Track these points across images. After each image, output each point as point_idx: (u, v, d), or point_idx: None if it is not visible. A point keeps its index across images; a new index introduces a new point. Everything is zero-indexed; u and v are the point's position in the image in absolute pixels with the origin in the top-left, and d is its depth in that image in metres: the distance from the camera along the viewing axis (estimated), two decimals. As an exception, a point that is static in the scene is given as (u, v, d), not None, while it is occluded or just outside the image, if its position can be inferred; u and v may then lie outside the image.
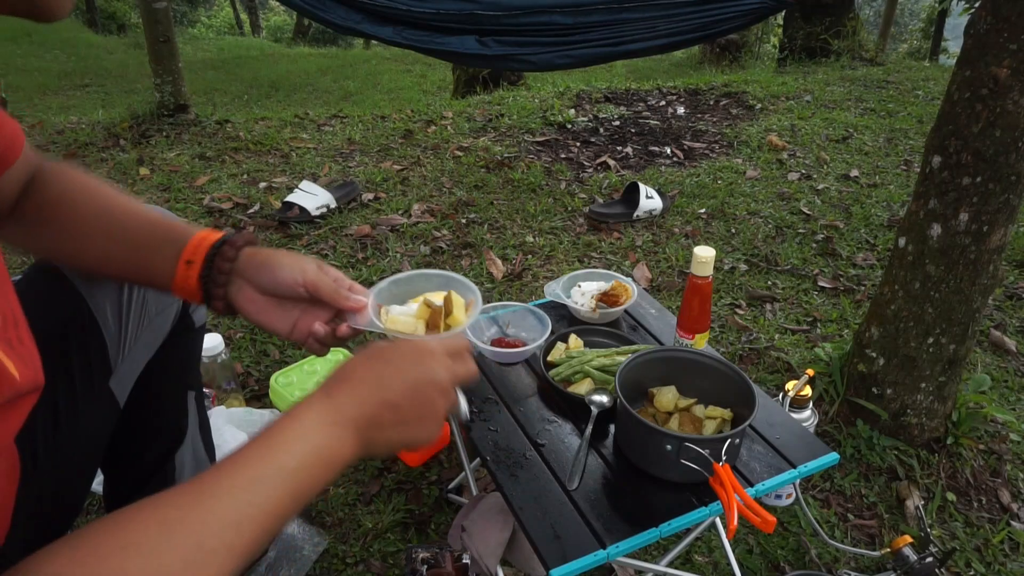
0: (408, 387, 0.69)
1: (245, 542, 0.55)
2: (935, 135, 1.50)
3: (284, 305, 0.86)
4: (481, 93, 5.12)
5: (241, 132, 3.76)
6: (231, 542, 0.54)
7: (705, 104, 4.45)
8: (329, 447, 0.63)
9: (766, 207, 2.95)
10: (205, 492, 0.55)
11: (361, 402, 0.66)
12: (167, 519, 0.53)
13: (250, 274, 0.84)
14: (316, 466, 0.61)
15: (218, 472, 0.57)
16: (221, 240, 0.85)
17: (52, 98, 6.78)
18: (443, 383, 0.72)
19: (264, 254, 0.85)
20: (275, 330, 0.87)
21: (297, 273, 0.84)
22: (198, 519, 0.53)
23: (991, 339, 2.13)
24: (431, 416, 0.71)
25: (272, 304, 0.86)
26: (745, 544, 1.48)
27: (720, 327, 2.17)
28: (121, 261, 0.86)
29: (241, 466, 0.58)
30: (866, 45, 6.16)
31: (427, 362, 0.72)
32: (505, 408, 1.22)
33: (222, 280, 0.84)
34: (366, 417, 0.66)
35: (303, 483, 0.60)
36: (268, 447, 0.60)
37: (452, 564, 1.23)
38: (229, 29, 18.17)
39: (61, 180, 0.86)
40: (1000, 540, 1.49)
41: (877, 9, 16.01)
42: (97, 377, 0.91)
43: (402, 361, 0.71)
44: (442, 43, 2.86)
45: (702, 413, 1.15)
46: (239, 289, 0.85)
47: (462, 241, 2.67)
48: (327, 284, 0.85)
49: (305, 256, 0.87)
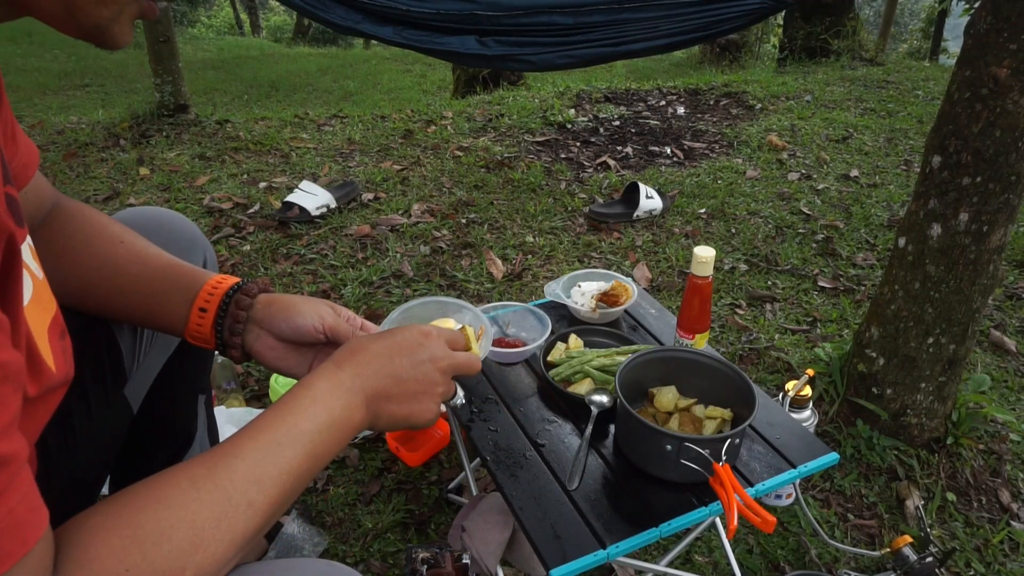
0: (412, 363, 0.74)
1: (267, 499, 0.60)
2: (935, 135, 1.50)
3: (300, 349, 0.88)
4: (481, 93, 5.12)
5: (241, 132, 3.76)
6: (254, 498, 0.59)
7: (705, 104, 4.45)
8: (341, 412, 0.68)
9: (766, 207, 2.95)
10: (229, 453, 0.60)
11: (369, 374, 0.71)
12: (196, 476, 0.58)
13: (268, 323, 0.85)
14: (330, 429, 0.67)
15: (240, 436, 0.62)
16: (235, 287, 0.85)
17: (52, 98, 6.78)
18: (443, 364, 0.77)
19: (281, 302, 0.86)
20: (293, 374, 0.88)
21: (316, 320, 0.85)
22: (224, 476, 0.58)
23: (991, 339, 2.13)
24: (431, 394, 0.76)
25: (290, 350, 0.87)
26: (745, 544, 1.48)
27: (720, 327, 2.17)
28: (128, 310, 0.86)
29: (261, 430, 0.63)
30: (866, 45, 6.16)
31: (429, 343, 0.77)
32: (505, 408, 1.22)
33: (239, 329, 0.84)
34: (373, 387, 0.71)
35: (318, 445, 0.65)
36: (285, 413, 0.65)
37: (452, 564, 1.23)
38: (229, 29, 18.17)
39: (69, 226, 0.86)
40: (1000, 540, 1.49)
41: (877, 9, 16.01)
42: (111, 386, 0.91)
43: (406, 340, 0.76)
44: (442, 43, 2.86)
45: (702, 413, 1.15)
46: (257, 337, 0.86)
47: (462, 241, 2.67)
48: (344, 329, 0.87)
49: (317, 300, 0.89)
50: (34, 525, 0.48)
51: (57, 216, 0.86)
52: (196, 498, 0.56)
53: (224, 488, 0.58)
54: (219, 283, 0.85)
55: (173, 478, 0.57)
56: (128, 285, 0.84)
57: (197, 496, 0.56)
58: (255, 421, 0.64)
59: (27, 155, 0.80)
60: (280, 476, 0.61)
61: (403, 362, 0.74)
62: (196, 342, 0.86)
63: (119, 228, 0.88)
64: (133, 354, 0.94)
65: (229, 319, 0.84)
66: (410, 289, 2.37)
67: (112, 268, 0.85)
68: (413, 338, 0.76)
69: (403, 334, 0.76)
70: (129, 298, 0.85)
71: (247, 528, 0.58)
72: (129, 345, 0.93)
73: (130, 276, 0.85)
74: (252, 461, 0.60)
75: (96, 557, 0.51)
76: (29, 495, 0.49)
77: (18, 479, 0.48)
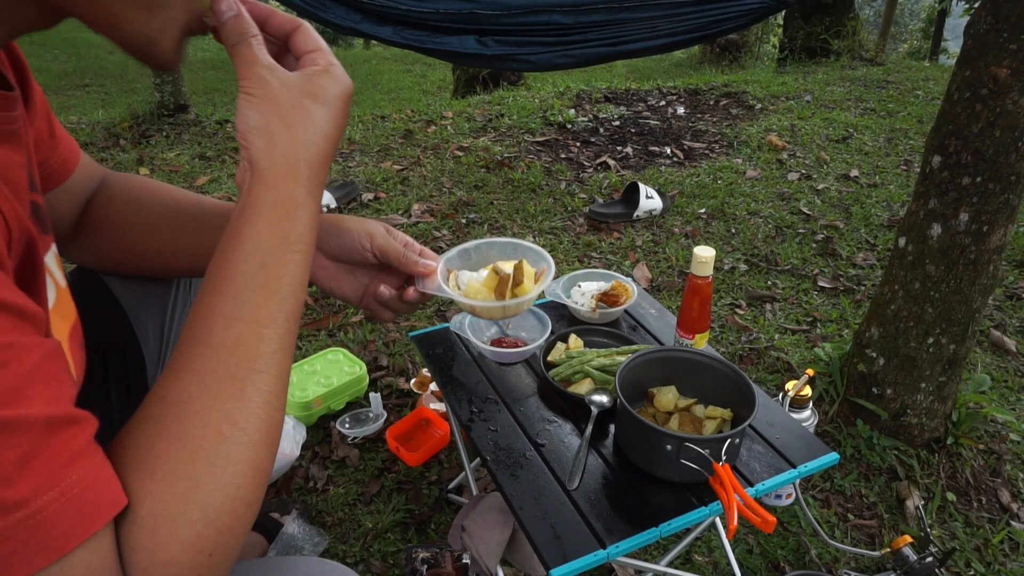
0: (332, 119, 0.65)
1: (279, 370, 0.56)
2: (935, 135, 1.50)
3: (354, 272, 0.86)
4: (481, 93, 5.12)
5: (241, 132, 3.76)
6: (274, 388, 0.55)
7: (705, 104, 4.45)
8: (278, 203, 0.59)
9: (766, 207, 2.95)
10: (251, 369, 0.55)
11: (311, 168, 0.62)
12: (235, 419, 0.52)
13: (319, 240, 0.83)
14: (278, 240, 0.59)
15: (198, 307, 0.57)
16: None
17: (52, 98, 6.78)
18: (341, 92, 0.66)
19: (331, 219, 0.84)
20: (345, 296, 0.87)
21: (365, 239, 0.83)
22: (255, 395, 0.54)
23: (991, 339, 2.13)
24: (329, 72, 0.65)
25: (342, 271, 0.86)
26: (745, 544, 1.48)
27: (720, 327, 2.17)
28: (192, 249, 0.86)
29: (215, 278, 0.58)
30: (866, 45, 6.16)
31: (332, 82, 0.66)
32: (505, 408, 1.22)
33: None
34: (258, 131, 0.60)
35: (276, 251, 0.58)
36: (225, 249, 0.59)
37: (452, 564, 1.23)
38: (229, 29, 18.15)
39: (125, 186, 0.88)
40: (1000, 540, 1.49)
41: (877, 9, 16.00)
42: (134, 394, 0.91)
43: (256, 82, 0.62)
44: (441, 43, 2.86)
45: (702, 413, 1.15)
46: None
47: (462, 241, 2.67)
48: (395, 249, 0.84)
49: (372, 220, 0.87)
50: (110, 502, 0.45)
51: (112, 181, 0.89)
52: (252, 455, 0.52)
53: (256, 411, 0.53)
54: None
55: (217, 430, 0.51)
56: (191, 223, 0.86)
57: (254, 454, 0.52)
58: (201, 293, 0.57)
59: (67, 150, 0.82)
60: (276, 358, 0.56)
61: (279, 91, 0.61)
62: None
63: (172, 187, 0.92)
64: (157, 364, 0.94)
65: None
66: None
67: (175, 211, 0.87)
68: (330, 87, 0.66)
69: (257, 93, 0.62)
70: (192, 237, 0.85)
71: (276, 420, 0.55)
72: (153, 353, 0.93)
73: (192, 215, 0.86)
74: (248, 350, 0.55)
75: (169, 560, 0.47)
76: (104, 467, 0.46)
77: (93, 447, 0.46)
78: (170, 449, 0.50)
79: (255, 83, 0.60)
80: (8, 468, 0.40)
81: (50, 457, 0.42)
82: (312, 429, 1.75)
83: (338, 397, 1.80)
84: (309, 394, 1.75)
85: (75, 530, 0.42)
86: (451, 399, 1.24)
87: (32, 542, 0.40)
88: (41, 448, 0.42)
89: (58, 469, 0.42)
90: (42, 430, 0.42)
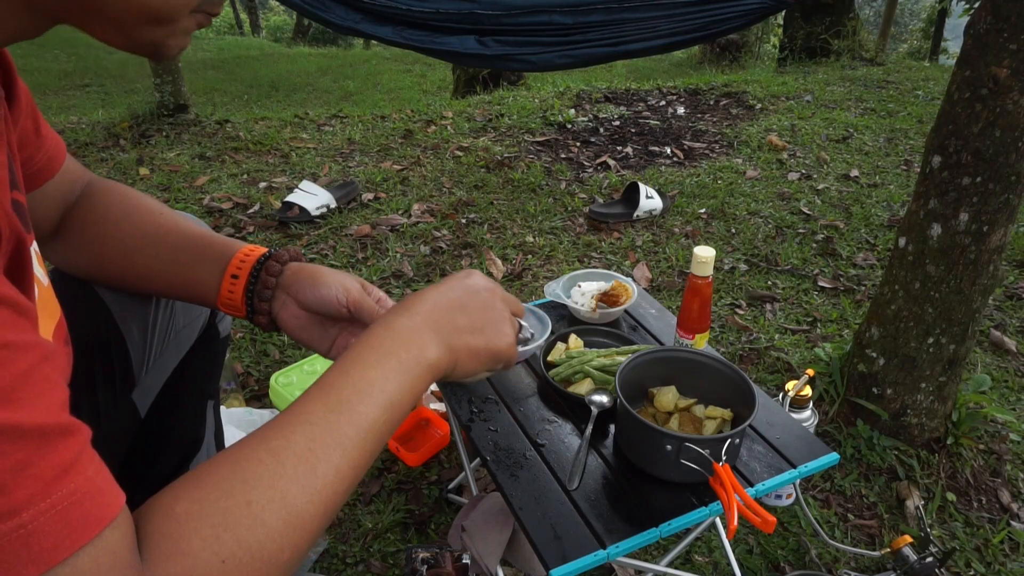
0: (469, 292, 0.73)
1: (351, 462, 0.57)
2: (935, 135, 1.49)
3: (324, 324, 0.87)
4: (481, 93, 5.12)
5: (241, 132, 3.76)
6: (338, 463, 0.56)
7: (705, 104, 4.45)
8: (409, 352, 0.65)
9: (766, 207, 2.95)
10: (301, 419, 0.57)
11: (428, 309, 0.69)
12: (276, 449, 0.55)
13: (295, 290, 0.85)
14: (401, 373, 0.63)
15: (308, 399, 0.59)
16: (267, 254, 0.86)
17: (52, 98, 6.78)
18: (498, 292, 0.76)
19: (309, 270, 0.86)
20: (315, 347, 0.88)
21: (341, 292, 0.84)
22: (304, 446, 0.55)
23: (991, 339, 2.13)
24: (501, 319, 0.74)
25: (314, 322, 0.87)
26: (745, 544, 1.48)
27: (720, 327, 2.17)
28: (166, 278, 0.87)
29: (328, 389, 0.60)
30: (866, 45, 6.16)
31: (476, 275, 0.77)
32: (505, 408, 1.22)
33: (267, 295, 0.85)
34: (438, 321, 0.69)
35: (392, 393, 0.62)
36: (348, 367, 0.62)
37: (452, 564, 1.23)
38: (229, 29, 18.16)
39: (106, 199, 0.87)
40: (1000, 540, 1.49)
41: (877, 9, 16.01)
42: (120, 389, 0.91)
43: (453, 277, 0.76)
44: (441, 43, 2.85)
45: (702, 413, 1.14)
46: (283, 304, 0.86)
47: (462, 241, 2.67)
48: (369, 306, 0.85)
49: (349, 275, 0.87)
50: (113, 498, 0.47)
51: (93, 192, 0.88)
52: (283, 474, 0.53)
53: (307, 459, 0.55)
54: (250, 252, 0.86)
55: (253, 453, 0.54)
56: (167, 253, 0.86)
57: (283, 471, 0.53)
58: (319, 381, 0.61)
59: (53, 148, 0.81)
60: (359, 435, 0.58)
61: (460, 293, 0.72)
62: (227, 310, 0.86)
63: (156, 202, 0.91)
64: (143, 359, 0.94)
65: (259, 285, 0.84)
66: (410, 289, 2.37)
67: (153, 236, 0.86)
68: (459, 274, 0.76)
69: (448, 278, 0.76)
70: (168, 266, 0.86)
71: (336, 495, 0.56)
72: (139, 349, 0.93)
73: (169, 244, 0.86)
74: (327, 424, 0.57)
75: (189, 550, 0.48)
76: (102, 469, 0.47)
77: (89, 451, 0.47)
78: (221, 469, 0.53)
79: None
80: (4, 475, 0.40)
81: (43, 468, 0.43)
82: (312, 429, 1.75)
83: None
84: (309, 394, 1.75)
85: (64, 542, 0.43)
86: (451, 399, 1.24)
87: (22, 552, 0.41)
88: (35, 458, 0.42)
89: (51, 481, 0.43)
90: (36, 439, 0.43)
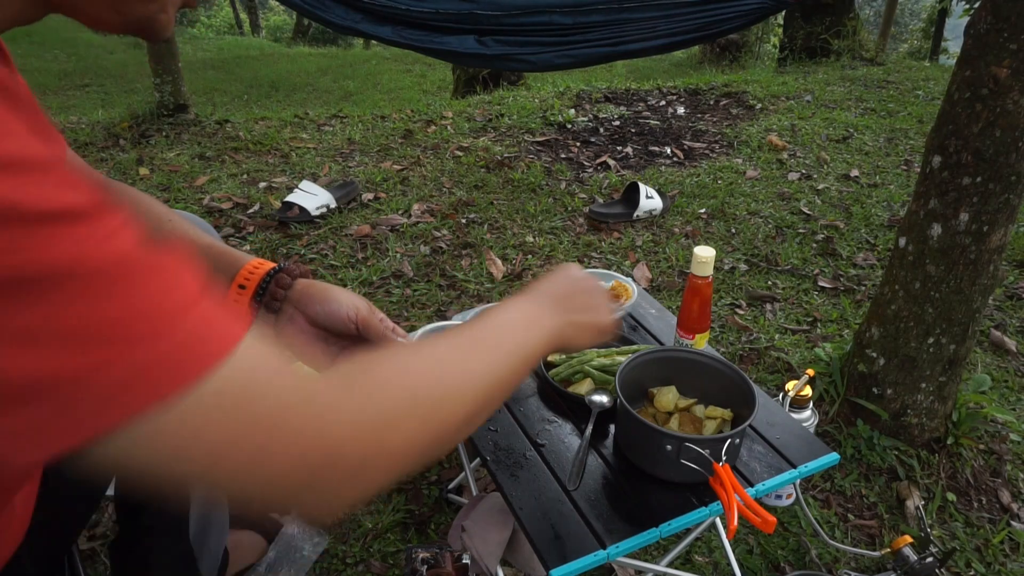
0: (571, 280, 0.84)
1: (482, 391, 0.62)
2: (935, 135, 1.49)
3: (328, 340, 0.88)
4: (481, 93, 5.12)
5: (241, 132, 3.76)
6: (483, 370, 0.63)
7: (705, 104, 4.45)
8: (530, 319, 0.73)
9: (766, 207, 2.95)
10: (452, 347, 0.63)
11: (543, 290, 0.80)
12: (437, 349, 0.61)
13: (304, 304, 0.86)
14: (526, 328, 0.71)
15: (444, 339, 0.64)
16: (277, 268, 0.87)
17: (52, 98, 6.78)
18: (591, 277, 0.87)
19: (319, 286, 0.88)
20: (316, 361, 0.88)
21: (351, 310, 0.86)
22: (458, 353, 0.62)
23: (991, 339, 2.13)
24: (601, 301, 0.85)
25: (319, 337, 0.88)
26: (745, 544, 1.48)
27: (720, 327, 2.17)
28: None
29: (458, 334, 0.65)
30: (866, 45, 6.16)
31: (572, 267, 0.87)
32: (505, 408, 1.22)
33: (276, 306, 0.86)
34: (553, 297, 0.79)
35: (521, 344, 0.69)
36: (482, 321, 0.69)
37: (452, 564, 1.23)
38: (229, 29, 18.17)
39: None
40: (1000, 540, 1.49)
41: (877, 9, 16.01)
42: None
43: (556, 270, 0.86)
44: (441, 43, 2.85)
45: (702, 413, 1.14)
46: (290, 318, 0.87)
47: (462, 241, 2.67)
48: (376, 324, 0.87)
49: (354, 294, 0.90)
50: (239, 327, 0.49)
51: None
52: (449, 359, 0.60)
53: (462, 359, 0.61)
54: (259, 265, 0.88)
55: (415, 353, 0.60)
56: None
57: (448, 357, 0.60)
58: (454, 331, 0.66)
59: None
60: (498, 361, 0.64)
61: (566, 282, 0.83)
62: None
63: (164, 208, 0.91)
64: None
65: (267, 296, 0.86)
66: (410, 289, 2.37)
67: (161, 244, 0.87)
68: (561, 267, 0.86)
69: (552, 271, 0.86)
70: None
71: (476, 399, 0.60)
72: None
73: None
74: (475, 356, 0.63)
75: (381, 377, 0.54)
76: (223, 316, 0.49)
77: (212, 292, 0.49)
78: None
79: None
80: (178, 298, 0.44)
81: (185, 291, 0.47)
82: (312, 429, 1.75)
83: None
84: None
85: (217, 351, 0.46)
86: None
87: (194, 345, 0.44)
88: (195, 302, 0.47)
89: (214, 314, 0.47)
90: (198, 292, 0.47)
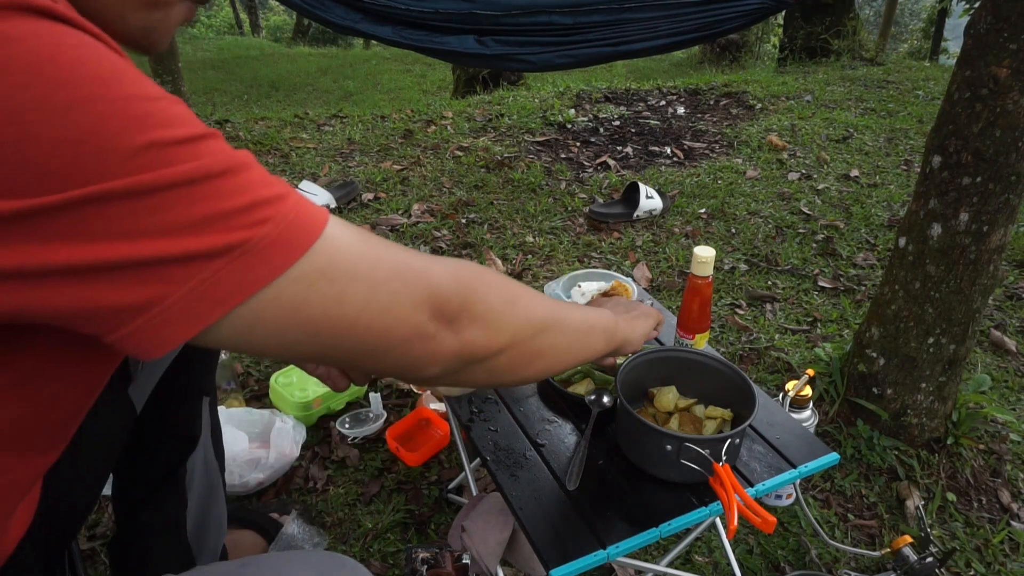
0: (627, 305, 1.09)
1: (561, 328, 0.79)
2: (935, 135, 1.49)
3: None
4: (481, 93, 5.12)
5: (241, 132, 3.76)
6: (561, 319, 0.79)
7: (705, 104, 4.45)
8: (597, 315, 0.91)
9: (766, 207, 2.95)
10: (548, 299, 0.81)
11: (607, 304, 1.08)
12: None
13: None
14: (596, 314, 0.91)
15: None
16: None
17: (52, 98, 6.76)
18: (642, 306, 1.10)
19: None
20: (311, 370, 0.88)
21: None
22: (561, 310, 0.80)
23: (991, 339, 2.13)
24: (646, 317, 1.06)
25: None
26: (745, 544, 1.48)
27: (720, 327, 2.17)
28: None
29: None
30: (866, 45, 6.17)
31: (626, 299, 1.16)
32: (505, 408, 1.22)
33: None
34: (614, 309, 1.02)
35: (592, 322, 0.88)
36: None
37: (452, 564, 1.23)
38: (229, 29, 18.17)
39: None
40: (1000, 540, 1.49)
41: (877, 9, 16.01)
42: (115, 384, 0.91)
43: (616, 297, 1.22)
44: (441, 43, 2.85)
45: (702, 413, 1.14)
46: None
47: (462, 241, 2.67)
48: None
49: None
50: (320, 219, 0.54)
51: None
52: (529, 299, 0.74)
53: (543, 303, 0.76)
54: None
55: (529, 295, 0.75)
56: None
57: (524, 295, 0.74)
58: None
59: None
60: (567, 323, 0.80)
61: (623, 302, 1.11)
62: None
63: None
64: None
65: None
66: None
67: None
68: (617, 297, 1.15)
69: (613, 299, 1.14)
70: None
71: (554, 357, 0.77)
72: None
73: None
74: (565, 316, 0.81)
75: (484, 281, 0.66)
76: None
77: None
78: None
79: None
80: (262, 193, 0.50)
81: None
82: (312, 429, 1.75)
83: (338, 397, 1.80)
84: (309, 394, 1.75)
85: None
86: (451, 399, 1.24)
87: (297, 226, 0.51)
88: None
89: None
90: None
